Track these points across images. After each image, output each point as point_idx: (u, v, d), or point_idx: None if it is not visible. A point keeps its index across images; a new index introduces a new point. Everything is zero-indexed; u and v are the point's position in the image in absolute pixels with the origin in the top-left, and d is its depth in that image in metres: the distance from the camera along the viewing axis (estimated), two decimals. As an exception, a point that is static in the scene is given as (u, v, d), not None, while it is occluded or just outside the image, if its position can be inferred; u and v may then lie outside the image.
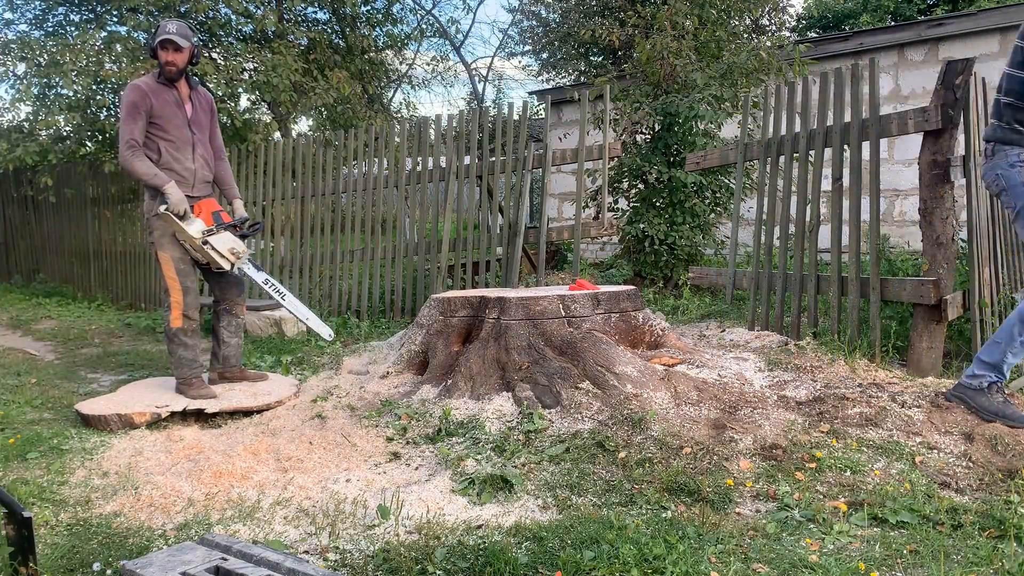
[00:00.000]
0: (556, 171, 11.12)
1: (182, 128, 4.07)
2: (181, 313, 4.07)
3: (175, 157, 4.05)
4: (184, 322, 4.08)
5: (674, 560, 2.13)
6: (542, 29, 15.10)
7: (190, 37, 4.02)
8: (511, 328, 3.87)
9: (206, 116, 4.24)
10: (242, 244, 4.14)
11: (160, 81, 4.01)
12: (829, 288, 4.48)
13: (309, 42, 9.44)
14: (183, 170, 4.07)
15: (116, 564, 2.30)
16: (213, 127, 4.30)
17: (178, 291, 4.05)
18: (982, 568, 2.14)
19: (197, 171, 4.14)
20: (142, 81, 4.01)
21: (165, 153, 4.03)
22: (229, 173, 4.41)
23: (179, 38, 3.95)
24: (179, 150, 4.07)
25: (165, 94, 4.01)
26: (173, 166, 4.05)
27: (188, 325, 4.10)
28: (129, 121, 3.91)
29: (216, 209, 4.06)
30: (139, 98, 3.91)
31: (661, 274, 7.45)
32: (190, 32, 4.05)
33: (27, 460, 3.27)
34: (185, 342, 4.09)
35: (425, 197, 6.83)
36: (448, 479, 2.93)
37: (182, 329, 4.09)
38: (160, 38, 3.94)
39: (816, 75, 5.08)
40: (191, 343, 4.10)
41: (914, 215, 8.14)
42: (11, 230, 11.03)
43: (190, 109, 4.12)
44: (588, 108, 6.51)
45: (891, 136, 4.34)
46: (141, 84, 3.98)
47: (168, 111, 4.01)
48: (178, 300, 4.05)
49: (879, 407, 3.29)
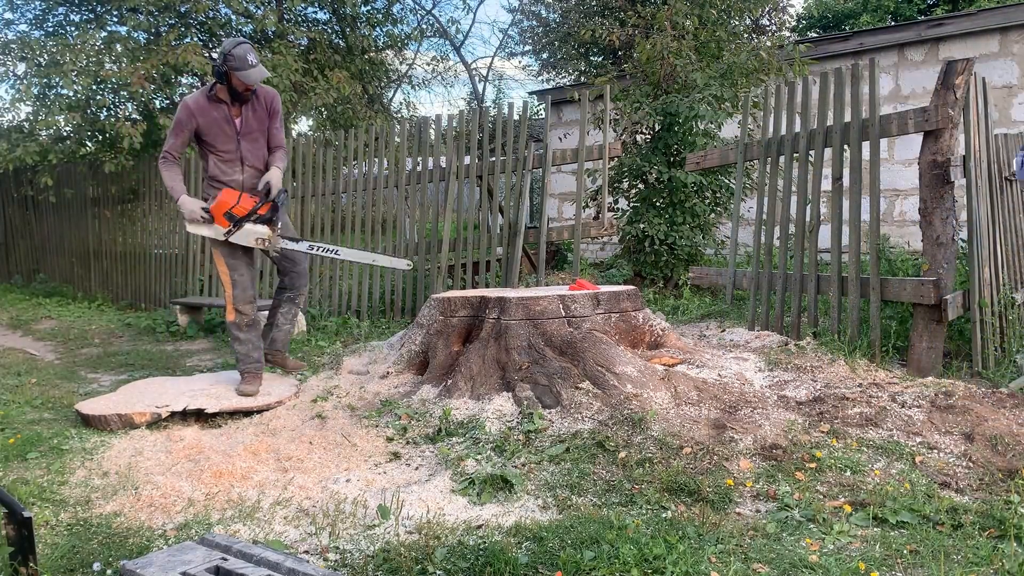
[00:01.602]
0: (556, 171, 11.11)
1: (229, 142, 4.11)
2: (233, 307, 4.17)
3: (223, 170, 4.13)
4: (236, 316, 4.18)
5: (674, 560, 2.13)
6: (542, 29, 15.10)
7: None
8: (511, 328, 3.87)
9: (261, 121, 4.19)
10: (265, 229, 4.08)
11: (211, 98, 4.02)
12: (829, 288, 4.48)
13: (309, 42, 9.44)
14: (231, 181, 4.15)
15: (116, 564, 2.30)
16: (272, 125, 4.22)
17: (229, 285, 4.16)
18: (982, 568, 2.14)
19: (245, 182, 4.17)
20: (192, 100, 4.03)
21: (213, 167, 4.13)
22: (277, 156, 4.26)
23: (260, 76, 3.96)
24: (227, 163, 4.13)
25: (214, 112, 4.05)
26: (221, 178, 4.13)
27: (240, 319, 4.18)
28: (172, 135, 4.07)
29: (228, 208, 4.04)
30: (185, 117, 4.00)
31: (661, 274, 7.45)
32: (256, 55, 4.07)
33: (27, 460, 3.27)
34: (238, 336, 4.19)
35: (425, 197, 6.83)
36: (448, 479, 2.93)
37: (234, 323, 4.19)
38: (240, 73, 3.89)
39: (816, 75, 5.08)
40: (243, 336, 4.19)
41: (914, 215, 8.14)
42: (11, 230, 11.03)
43: (240, 122, 4.13)
44: (588, 108, 6.51)
45: (891, 136, 4.34)
46: (190, 103, 4.02)
47: (216, 128, 4.05)
48: (229, 294, 4.17)
49: (879, 407, 3.29)
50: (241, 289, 4.16)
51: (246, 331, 4.21)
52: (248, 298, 4.18)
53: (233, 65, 3.86)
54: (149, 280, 8.65)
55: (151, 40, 8.33)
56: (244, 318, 4.18)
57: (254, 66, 3.90)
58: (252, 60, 3.89)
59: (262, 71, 3.96)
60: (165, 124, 7.59)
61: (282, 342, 4.48)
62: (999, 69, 8.23)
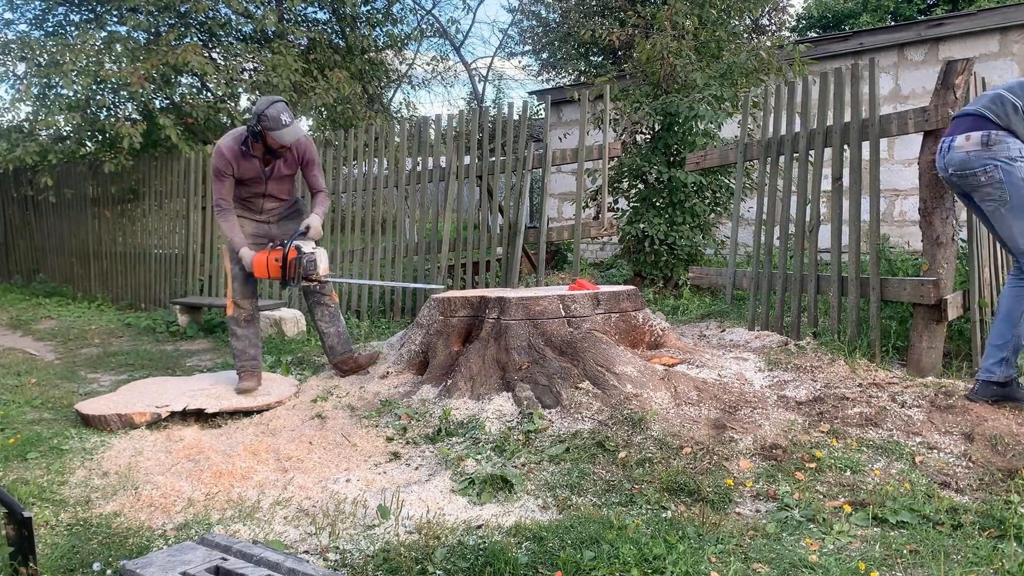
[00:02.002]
0: (556, 171, 11.11)
1: (258, 185, 4.24)
2: (232, 301, 4.25)
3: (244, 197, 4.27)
4: (234, 309, 4.26)
5: (674, 560, 2.13)
6: (542, 29, 15.11)
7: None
8: (511, 328, 3.87)
9: (292, 165, 4.29)
10: (311, 269, 4.08)
11: (244, 152, 4.10)
12: (829, 288, 4.48)
13: (309, 42, 9.44)
14: (251, 206, 4.32)
15: (116, 564, 2.30)
16: (309, 172, 4.31)
17: (231, 280, 4.25)
18: (982, 568, 2.14)
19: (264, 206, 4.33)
20: (227, 148, 4.08)
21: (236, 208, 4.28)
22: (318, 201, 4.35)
23: (295, 137, 4.03)
24: (248, 208, 4.31)
25: (247, 162, 4.14)
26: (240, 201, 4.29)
27: (238, 313, 4.25)
28: (217, 184, 4.14)
29: (274, 276, 4.10)
30: (224, 165, 4.10)
31: (661, 274, 7.45)
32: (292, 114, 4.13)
33: (27, 460, 3.27)
34: (235, 331, 4.26)
35: (425, 197, 6.83)
36: (448, 479, 2.93)
37: (233, 317, 4.27)
38: (275, 133, 3.97)
39: (816, 75, 5.08)
40: (241, 332, 4.25)
41: (914, 215, 8.14)
42: (11, 230, 11.03)
43: (271, 169, 4.23)
44: (588, 108, 6.51)
45: (891, 136, 4.34)
46: (227, 152, 4.08)
47: (248, 175, 4.18)
48: (230, 289, 4.25)
49: (879, 407, 3.29)
50: (241, 283, 4.23)
51: (244, 327, 4.25)
52: (247, 293, 4.24)
53: (267, 125, 3.96)
54: (149, 280, 8.65)
55: (151, 40, 8.34)
56: (242, 312, 4.24)
57: (288, 125, 3.98)
58: (286, 120, 3.97)
59: (296, 130, 4.04)
60: (165, 124, 7.60)
61: (341, 344, 4.45)
62: (999, 69, 8.23)
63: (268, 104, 3.96)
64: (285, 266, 4.02)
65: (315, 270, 4.04)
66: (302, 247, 4.04)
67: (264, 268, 4.07)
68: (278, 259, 4.03)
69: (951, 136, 3.39)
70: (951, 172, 3.40)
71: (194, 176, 8.15)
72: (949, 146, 3.38)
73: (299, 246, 4.04)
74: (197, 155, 8.03)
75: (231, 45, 8.92)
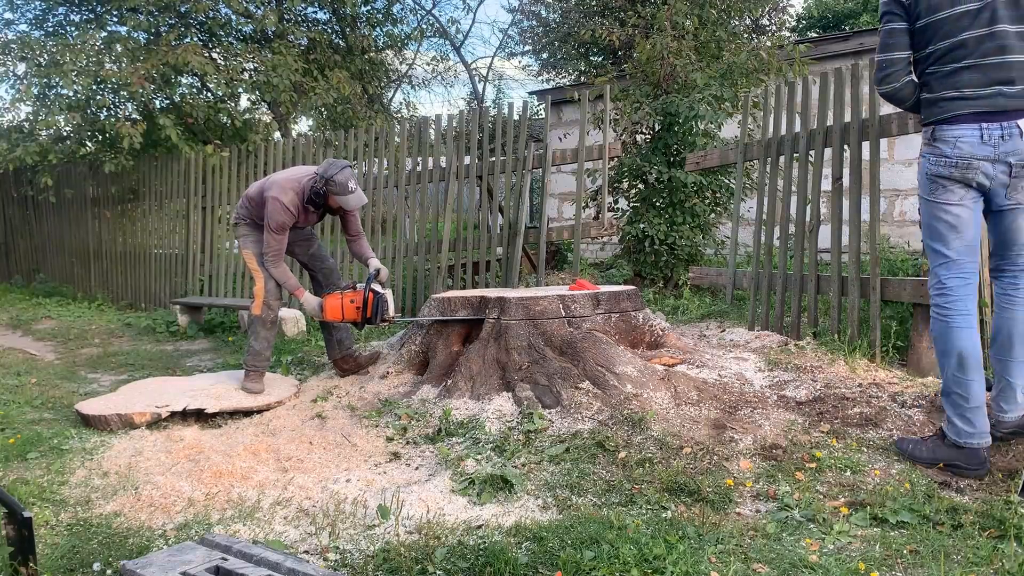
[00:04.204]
0: (556, 171, 11.10)
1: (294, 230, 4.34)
2: (263, 300, 4.24)
3: None
4: (264, 310, 4.25)
5: (674, 560, 2.13)
6: (542, 29, 15.09)
7: None
8: (511, 328, 3.87)
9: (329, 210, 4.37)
10: (385, 310, 4.17)
11: (305, 206, 4.19)
12: (829, 288, 4.48)
13: (309, 42, 9.43)
14: None
15: (116, 564, 2.30)
16: (352, 219, 4.43)
17: (261, 279, 4.23)
18: (982, 568, 2.14)
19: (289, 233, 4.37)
20: (292, 205, 4.13)
21: None
22: (363, 247, 4.50)
23: (358, 204, 4.19)
24: None
25: (303, 213, 4.25)
26: None
27: (267, 314, 4.25)
28: (277, 236, 4.17)
29: (350, 319, 4.18)
30: (288, 220, 4.15)
31: (661, 274, 7.44)
32: None
33: (27, 460, 3.27)
34: (259, 331, 4.26)
35: (425, 197, 6.83)
36: (448, 479, 2.93)
37: (261, 317, 4.25)
38: (340, 198, 4.11)
39: (816, 75, 5.08)
40: (264, 334, 4.26)
41: (914, 215, 8.14)
42: (11, 230, 11.03)
43: (316, 217, 4.39)
44: (588, 108, 6.51)
45: (891, 136, 4.33)
46: (291, 208, 4.13)
47: (297, 224, 4.30)
48: (260, 287, 4.24)
49: (879, 407, 3.29)
50: (274, 284, 4.24)
51: (269, 329, 4.27)
52: (278, 294, 4.27)
53: (334, 190, 4.11)
54: (149, 280, 8.65)
55: (151, 40, 8.33)
56: (271, 313, 4.26)
57: (353, 192, 4.13)
58: (352, 186, 4.13)
59: (361, 197, 4.20)
60: (165, 124, 7.59)
61: (348, 340, 4.49)
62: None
63: (338, 170, 4.09)
64: (365, 309, 4.13)
65: (387, 310, 4.17)
66: (377, 290, 4.17)
67: (339, 311, 4.16)
68: (354, 301, 4.15)
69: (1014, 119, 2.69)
70: (1014, 160, 2.70)
71: (194, 176, 8.15)
72: (1022, 132, 2.67)
73: (375, 289, 4.16)
74: (197, 155, 8.03)
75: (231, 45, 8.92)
